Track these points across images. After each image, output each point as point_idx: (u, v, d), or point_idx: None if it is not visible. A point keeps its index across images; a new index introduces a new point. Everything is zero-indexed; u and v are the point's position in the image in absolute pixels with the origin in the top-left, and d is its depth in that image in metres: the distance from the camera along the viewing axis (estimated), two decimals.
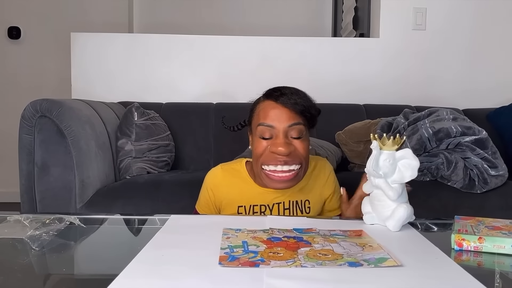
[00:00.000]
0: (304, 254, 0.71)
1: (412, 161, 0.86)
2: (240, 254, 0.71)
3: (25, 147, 1.57)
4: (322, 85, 2.49)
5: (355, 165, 2.02)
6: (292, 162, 1.03)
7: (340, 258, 0.70)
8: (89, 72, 2.49)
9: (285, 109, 1.03)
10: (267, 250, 0.74)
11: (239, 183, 1.13)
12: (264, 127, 1.04)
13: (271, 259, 0.69)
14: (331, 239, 0.80)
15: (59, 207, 1.55)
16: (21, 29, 3.30)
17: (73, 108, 1.63)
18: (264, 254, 0.71)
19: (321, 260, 0.69)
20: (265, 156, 1.04)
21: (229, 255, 0.70)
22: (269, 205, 1.11)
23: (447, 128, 1.73)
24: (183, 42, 2.52)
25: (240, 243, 0.77)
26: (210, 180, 1.16)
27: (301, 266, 0.66)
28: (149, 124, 1.95)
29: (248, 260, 0.68)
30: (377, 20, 2.58)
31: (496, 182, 1.67)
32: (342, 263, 0.67)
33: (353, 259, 0.69)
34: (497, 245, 0.74)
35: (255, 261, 0.68)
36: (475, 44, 2.57)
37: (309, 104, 1.06)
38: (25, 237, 0.79)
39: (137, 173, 1.82)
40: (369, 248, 0.75)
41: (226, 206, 1.14)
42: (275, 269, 0.64)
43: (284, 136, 1.02)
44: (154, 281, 0.60)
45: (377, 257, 0.70)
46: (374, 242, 0.79)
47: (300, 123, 1.04)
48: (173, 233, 0.82)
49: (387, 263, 0.67)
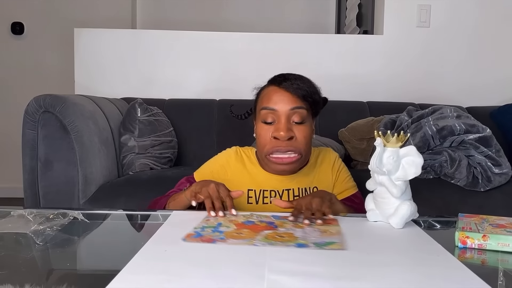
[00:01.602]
0: (264, 235, 0.75)
1: (416, 158, 0.85)
2: (207, 233, 0.76)
3: (28, 142, 1.57)
4: (325, 82, 2.42)
5: (358, 162, 2.02)
6: (292, 151, 1.06)
7: (293, 240, 0.74)
8: (92, 68, 2.49)
9: (288, 93, 1.07)
10: (234, 231, 0.79)
11: (250, 167, 1.16)
12: (267, 110, 1.07)
13: (231, 238, 0.74)
14: (300, 225, 0.84)
15: (62, 203, 1.56)
16: (24, 24, 3.30)
17: (77, 104, 1.63)
18: (228, 234, 0.76)
19: (274, 240, 0.72)
20: (269, 145, 1.07)
21: (196, 233, 0.76)
22: (278, 191, 1.13)
23: (451, 126, 1.73)
24: (186, 38, 2.52)
25: (215, 224, 0.83)
26: (224, 157, 1.19)
27: (253, 244, 0.71)
28: (152, 120, 1.95)
29: (210, 238, 0.74)
30: (381, 17, 2.57)
31: (500, 180, 1.67)
32: (290, 244, 0.71)
33: (304, 241, 0.73)
34: (501, 243, 0.74)
35: (215, 238, 0.74)
36: (479, 41, 2.55)
37: (312, 90, 1.10)
38: (29, 231, 0.79)
39: (140, 169, 1.82)
40: (328, 234, 0.78)
41: (234, 188, 1.13)
42: (277, 265, 0.63)
43: (286, 120, 1.06)
44: (157, 277, 0.60)
45: (326, 241, 0.74)
46: (336, 229, 0.82)
47: (302, 107, 1.07)
48: (175, 229, 0.83)
49: (332, 246, 0.71)
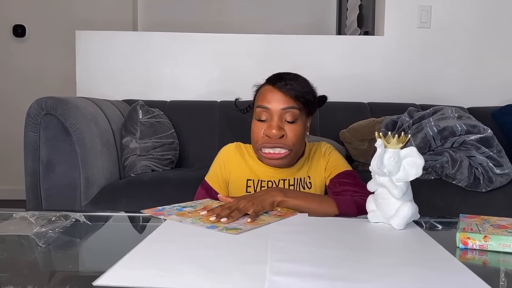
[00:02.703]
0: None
1: (417, 159, 0.85)
2: (169, 209, 0.94)
3: (30, 144, 1.57)
4: (326, 83, 2.43)
5: (359, 163, 2.02)
6: (282, 147, 1.12)
7: (220, 225, 0.85)
8: (94, 70, 2.49)
9: (281, 93, 1.12)
10: (196, 210, 0.93)
11: (249, 160, 1.23)
12: (261, 109, 1.13)
13: (186, 215, 0.88)
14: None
15: (64, 205, 1.56)
16: (26, 27, 3.31)
17: (78, 106, 1.63)
18: (186, 213, 0.90)
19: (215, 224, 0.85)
20: (261, 141, 1.14)
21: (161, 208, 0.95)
22: (275, 181, 1.19)
23: (452, 127, 1.72)
24: (188, 40, 2.53)
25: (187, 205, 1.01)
26: (223, 154, 1.26)
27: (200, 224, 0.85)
28: (153, 122, 1.95)
29: (171, 211, 0.90)
30: (381, 18, 2.57)
31: (501, 181, 1.67)
32: (209, 226, 0.83)
33: (223, 227, 0.83)
34: (502, 243, 0.74)
35: (173, 211, 0.91)
36: (480, 42, 2.55)
37: (306, 90, 1.14)
38: (31, 234, 0.79)
39: (142, 171, 1.82)
40: (254, 223, 0.87)
41: (235, 180, 1.22)
42: (278, 266, 0.63)
43: (278, 119, 1.11)
44: (149, 272, 0.61)
45: (232, 227, 0.83)
46: (271, 219, 0.90)
47: (294, 107, 1.12)
48: (173, 229, 0.83)
49: (228, 231, 0.80)
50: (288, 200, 1.02)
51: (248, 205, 0.95)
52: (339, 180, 1.17)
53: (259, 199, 0.98)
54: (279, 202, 1.01)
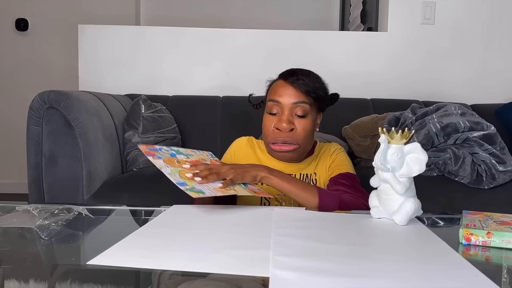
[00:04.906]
0: (178, 170, 0.94)
1: (421, 155, 0.85)
2: (164, 152, 0.98)
3: (33, 138, 1.58)
4: (329, 79, 2.41)
5: (361, 159, 2.01)
6: (290, 142, 1.13)
7: (191, 183, 0.89)
8: (96, 64, 2.49)
9: (292, 88, 1.14)
10: (186, 161, 0.98)
11: (259, 153, 1.25)
12: (272, 102, 1.15)
13: (172, 164, 0.95)
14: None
15: (67, 198, 1.57)
16: (28, 21, 3.31)
17: (81, 100, 1.63)
18: (174, 161, 0.96)
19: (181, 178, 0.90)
20: (271, 135, 1.15)
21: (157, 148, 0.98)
22: None
23: (455, 123, 1.72)
24: (190, 35, 2.52)
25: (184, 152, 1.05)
26: (235, 145, 1.30)
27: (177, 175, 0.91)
28: (156, 116, 1.95)
29: (163, 154, 0.96)
30: (385, 14, 2.56)
31: (504, 178, 1.66)
32: (180, 182, 0.87)
33: (191, 186, 0.87)
34: (505, 240, 0.74)
35: (166, 155, 0.97)
36: (484, 39, 2.54)
37: (317, 86, 1.16)
38: (34, 226, 0.80)
39: (144, 165, 1.82)
40: (223, 190, 0.92)
41: None
42: (280, 260, 0.63)
43: (288, 113, 1.13)
44: (140, 253, 0.65)
45: (200, 190, 0.87)
46: (242, 191, 0.96)
47: (305, 102, 1.13)
48: (172, 217, 0.85)
49: (191, 193, 0.84)
50: (271, 178, 1.03)
51: (229, 172, 0.97)
52: (336, 180, 1.17)
53: (242, 169, 1.01)
54: (262, 177, 1.02)
